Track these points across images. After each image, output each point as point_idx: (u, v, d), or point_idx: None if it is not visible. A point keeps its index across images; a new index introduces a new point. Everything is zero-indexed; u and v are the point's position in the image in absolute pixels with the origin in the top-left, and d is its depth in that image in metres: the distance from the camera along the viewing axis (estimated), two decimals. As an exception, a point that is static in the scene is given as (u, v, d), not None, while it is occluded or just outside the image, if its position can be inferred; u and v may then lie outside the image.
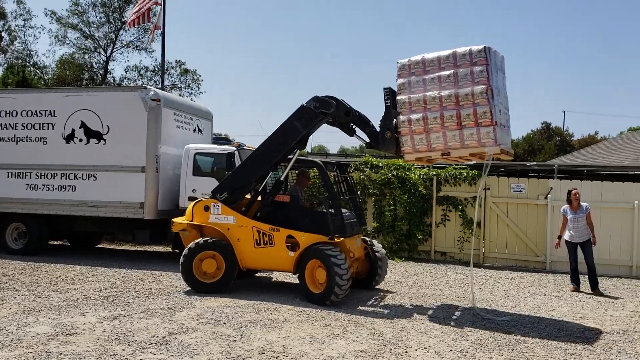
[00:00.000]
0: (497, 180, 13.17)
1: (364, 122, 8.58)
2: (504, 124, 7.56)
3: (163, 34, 20.49)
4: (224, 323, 6.95)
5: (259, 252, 8.68)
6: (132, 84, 32.60)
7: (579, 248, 10.03)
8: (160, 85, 25.39)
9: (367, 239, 9.66)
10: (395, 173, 13.54)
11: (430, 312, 7.97)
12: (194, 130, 12.87)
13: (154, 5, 20.52)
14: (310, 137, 9.45)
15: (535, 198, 12.82)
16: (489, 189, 13.11)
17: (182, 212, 11.43)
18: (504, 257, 13.08)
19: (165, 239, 12.15)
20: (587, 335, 6.99)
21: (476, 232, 13.11)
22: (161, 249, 14.34)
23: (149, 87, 11.97)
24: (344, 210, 8.84)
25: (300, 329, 6.77)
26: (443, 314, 7.88)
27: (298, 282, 8.55)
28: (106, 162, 11.60)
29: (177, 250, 11.79)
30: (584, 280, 10.13)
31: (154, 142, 11.42)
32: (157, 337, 6.27)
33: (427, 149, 7.63)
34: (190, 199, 11.42)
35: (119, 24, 33.36)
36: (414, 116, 7.65)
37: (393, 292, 9.34)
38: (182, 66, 34.32)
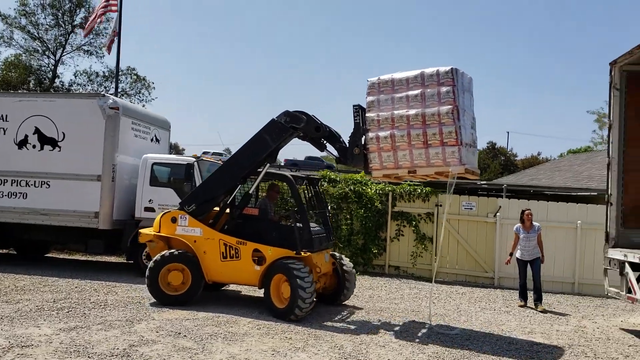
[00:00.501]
0: (448, 198, 13.56)
1: (334, 138, 8.62)
2: (470, 143, 7.70)
3: (118, 40, 20.26)
4: (184, 336, 6.93)
5: (225, 266, 8.63)
6: (81, 89, 31.86)
7: (528, 266, 10.49)
8: (112, 92, 24.96)
9: (336, 254, 9.66)
10: (352, 188, 13.80)
11: (387, 326, 8.16)
12: (152, 140, 12.77)
13: (109, 13, 20.32)
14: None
15: (485, 216, 13.30)
16: (441, 205, 13.52)
17: (137, 223, 11.39)
18: (455, 272, 13.49)
19: (119, 249, 11.96)
20: (536, 349, 7.32)
21: (429, 247, 13.48)
22: (112, 259, 14.10)
23: (108, 94, 11.84)
24: (313, 224, 8.90)
25: (261, 342, 6.82)
26: (400, 328, 8.09)
27: (257, 295, 8.61)
28: (60, 169, 11.38)
29: (131, 261, 11.65)
30: (531, 296, 10.55)
31: (111, 151, 11.29)
32: (118, 349, 6.21)
33: (394, 167, 7.74)
34: (147, 209, 11.38)
35: (70, 27, 32.57)
36: (382, 133, 7.77)
37: (352, 307, 9.49)
38: (134, 72, 33.84)
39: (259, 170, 8.88)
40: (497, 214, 13.15)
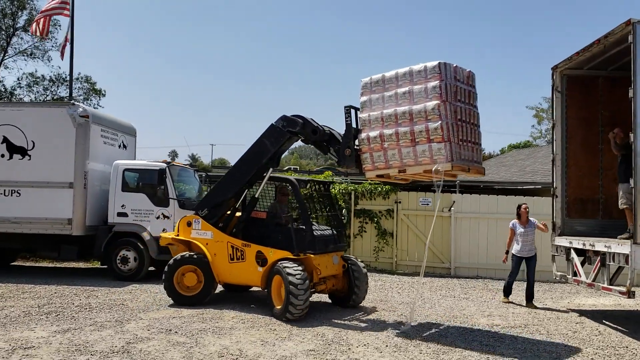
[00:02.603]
0: (407, 195, 14.40)
1: (335, 141, 8.59)
2: (468, 140, 7.49)
3: (72, 45, 20.15)
4: (175, 332, 7.37)
5: (233, 267, 8.92)
6: (25, 94, 31.23)
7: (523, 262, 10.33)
8: (58, 96, 24.64)
9: (350, 257, 9.60)
10: (316, 187, 14.37)
11: (360, 315, 8.82)
12: (119, 146, 13.01)
13: (62, 16, 20.14)
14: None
15: (441, 210, 14.17)
16: (400, 202, 14.32)
17: (110, 228, 11.67)
18: (414, 264, 14.32)
19: (92, 255, 12.16)
20: (496, 330, 8.13)
21: (390, 242, 14.26)
22: (81, 265, 14.24)
23: (78, 103, 12.05)
24: (322, 227, 9.14)
25: (249, 334, 7.34)
26: (373, 316, 8.76)
27: (237, 292, 9.10)
28: (31, 177, 11.51)
29: (105, 266, 11.89)
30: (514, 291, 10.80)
31: (83, 158, 11.51)
32: (117, 346, 6.60)
33: (385, 166, 7.66)
34: (120, 214, 11.66)
35: (12, 30, 31.81)
36: (372, 133, 7.72)
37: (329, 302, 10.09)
38: (82, 77, 33.35)
39: (264, 175, 9.07)
40: (452, 208, 14.05)
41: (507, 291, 10.52)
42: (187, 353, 6.42)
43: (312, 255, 8.47)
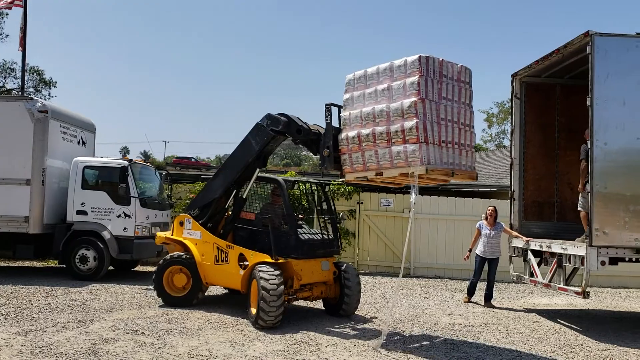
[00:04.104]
0: (369, 196, 14.59)
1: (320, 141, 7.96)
2: (455, 142, 6.90)
3: (24, 36, 19.52)
4: (142, 333, 7.28)
5: (218, 269, 8.73)
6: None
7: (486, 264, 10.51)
8: (5, 89, 23.79)
9: (344, 263, 9.12)
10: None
11: (325, 315, 8.90)
12: (79, 143, 12.70)
13: (15, 6, 19.51)
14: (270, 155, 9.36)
15: (401, 211, 14.43)
16: (362, 203, 14.51)
17: (68, 226, 11.40)
18: (375, 264, 14.52)
19: (50, 253, 11.82)
20: (458, 329, 8.36)
21: (352, 242, 14.42)
22: (35, 264, 13.83)
23: (36, 98, 11.70)
24: (313, 230, 8.90)
25: (217, 335, 7.32)
26: (337, 316, 8.85)
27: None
28: (-15, 174, 11.10)
29: (63, 266, 11.60)
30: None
31: (41, 155, 11.20)
32: (82, 348, 6.48)
33: (363, 169, 7.15)
34: (79, 212, 11.41)
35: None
36: (351, 133, 7.23)
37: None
38: (31, 68, 32.33)
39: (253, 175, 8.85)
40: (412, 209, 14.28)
41: (471, 291, 10.68)
42: (155, 354, 6.36)
43: (293, 260, 8.13)
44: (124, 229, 11.36)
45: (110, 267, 11.98)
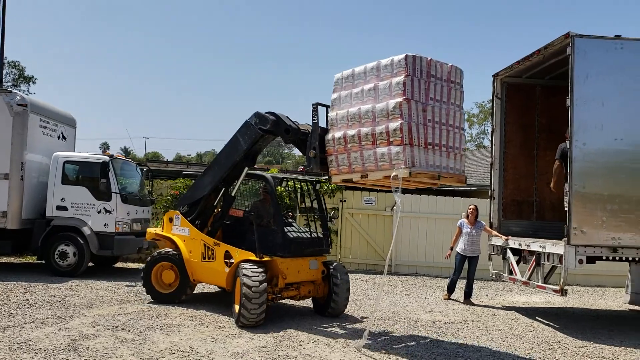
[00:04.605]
0: (352, 194, 14.65)
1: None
2: (443, 144, 6.65)
3: (2, 29, 19.23)
4: (122, 329, 7.23)
5: (204, 266, 8.64)
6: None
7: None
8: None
9: (334, 262, 8.88)
10: (262, 184, 14.39)
11: (306, 312, 8.93)
12: (59, 137, 12.55)
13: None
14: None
15: (384, 210, 14.52)
16: (345, 201, 14.56)
17: (48, 222, 11.28)
18: (357, 261, 14.59)
19: (28, 249, 11.68)
20: (438, 325, 8.45)
21: (334, 240, 14.46)
22: (13, 259, 13.65)
23: (15, 91, 11.53)
24: (301, 228, 8.75)
25: (198, 332, 7.30)
26: (326, 316, 8.86)
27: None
28: (-38, 168, 10.93)
29: (42, 261, 11.46)
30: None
31: (20, 149, 11.07)
32: (62, 344, 6.41)
33: (348, 170, 6.94)
34: (59, 208, 11.29)
35: None
36: (337, 134, 7.04)
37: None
38: (10, 62, 31.91)
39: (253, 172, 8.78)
40: (394, 207, 14.40)
41: (451, 289, 10.80)
42: (136, 350, 6.33)
43: (278, 259, 8.03)
44: (105, 224, 11.26)
45: (90, 264, 11.86)
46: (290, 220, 9.06)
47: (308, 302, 9.39)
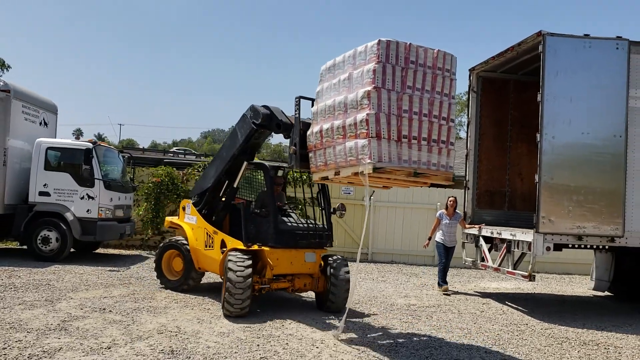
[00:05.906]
0: (331, 184, 14.93)
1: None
2: (424, 137, 5.99)
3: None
4: (110, 311, 7.46)
5: (207, 254, 8.69)
6: None
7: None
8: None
9: (334, 256, 8.58)
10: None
11: (287, 296, 9.25)
12: (40, 124, 12.61)
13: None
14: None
15: (361, 199, 14.87)
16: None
17: (30, 207, 11.37)
18: (334, 249, 14.89)
19: (10, 234, 11.76)
20: (413, 309, 8.85)
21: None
22: (-6, 245, 13.69)
23: (-2, 77, 11.56)
24: (300, 220, 8.51)
25: (184, 313, 7.57)
26: (303, 295, 9.21)
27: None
28: (-55, 153, 10.96)
29: (25, 247, 11.57)
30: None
31: (2, 135, 11.15)
32: (52, 324, 6.62)
33: (324, 167, 6.49)
34: (42, 193, 11.39)
35: None
36: (315, 129, 6.62)
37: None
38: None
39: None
40: (371, 197, 14.77)
41: (444, 279, 10.66)
42: (125, 330, 6.57)
43: (266, 249, 7.77)
44: (88, 210, 11.41)
45: (72, 249, 12.00)
46: (290, 211, 8.97)
47: (310, 296, 9.20)
